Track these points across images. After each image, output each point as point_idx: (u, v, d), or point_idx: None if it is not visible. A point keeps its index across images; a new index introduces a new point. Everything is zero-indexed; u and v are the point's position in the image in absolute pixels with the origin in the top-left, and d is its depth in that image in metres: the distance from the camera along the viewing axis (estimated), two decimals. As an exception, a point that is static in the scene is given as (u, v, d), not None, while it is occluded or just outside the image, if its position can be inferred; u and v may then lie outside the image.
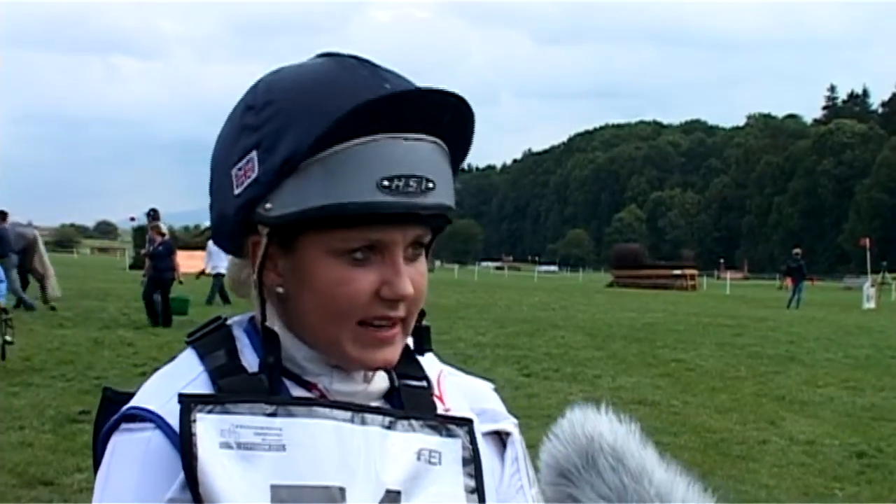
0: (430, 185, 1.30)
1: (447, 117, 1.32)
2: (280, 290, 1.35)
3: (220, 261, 26.84)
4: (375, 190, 1.26)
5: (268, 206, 1.29)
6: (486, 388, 1.58)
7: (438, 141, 1.32)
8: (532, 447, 1.53)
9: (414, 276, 1.34)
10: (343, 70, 1.32)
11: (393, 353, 1.37)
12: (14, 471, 8.78)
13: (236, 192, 1.32)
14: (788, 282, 48.52)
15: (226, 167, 1.34)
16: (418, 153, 1.29)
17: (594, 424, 1.37)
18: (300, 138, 1.26)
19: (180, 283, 23.94)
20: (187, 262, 30.11)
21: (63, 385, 13.41)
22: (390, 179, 1.26)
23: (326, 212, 1.26)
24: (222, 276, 26.62)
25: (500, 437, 1.50)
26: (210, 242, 25.28)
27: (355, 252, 1.30)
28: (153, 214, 25.20)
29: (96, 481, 1.34)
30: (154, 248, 23.40)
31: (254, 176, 1.29)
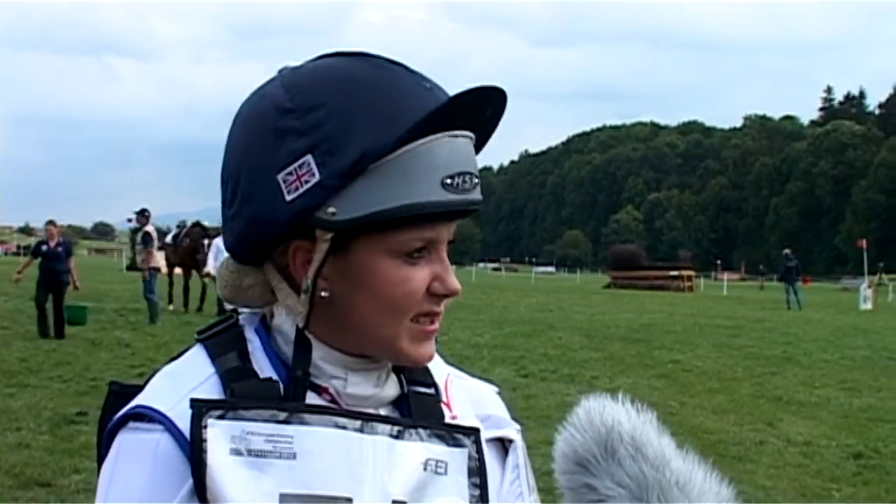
0: (476, 180, 1.32)
1: (489, 111, 1.35)
2: (324, 293, 1.32)
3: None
4: (440, 189, 1.27)
5: (331, 210, 1.26)
6: (490, 392, 1.58)
7: (472, 135, 1.34)
8: (530, 448, 1.53)
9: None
10: (380, 69, 1.31)
11: (434, 348, 1.39)
12: (11, 472, 8.77)
13: (289, 197, 1.27)
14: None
15: (263, 173, 1.29)
16: (466, 150, 1.31)
17: (612, 413, 1.36)
18: (370, 139, 1.25)
19: (76, 288, 21.46)
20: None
21: (60, 386, 13.42)
22: (451, 177, 1.28)
23: (398, 213, 1.26)
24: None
25: (503, 444, 1.50)
26: (217, 240, 24.03)
27: (412, 251, 1.30)
28: (146, 214, 25.00)
29: (100, 478, 1.32)
30: (50, 248, 20.77)
31: (314, 181, 1.26)
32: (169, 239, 29.70)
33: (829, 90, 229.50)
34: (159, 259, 25.18)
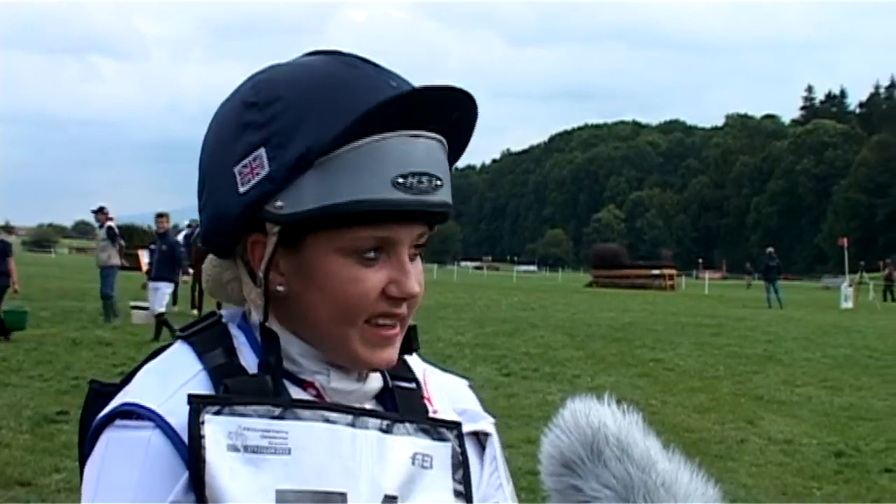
0: (439, 182, 1.30)
1: (456, 114, 1.33)
2: (281, 288, 1.33)
3: None
4: (391, 187, 1.26)
5: (279, 203, 1.27)
6: (462, 386, 1.58)
7: (441, 138, 1.32)
8: (512, 447, 1.54)
9: (416, 275, 1.34)
10: (347, 67, 1.31)
11: (394, 353, 1.37)
12: (-9, 471, 8.74)
13: (242, 189, 1.29)
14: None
15: (225, 166, 1.31)
16: (427, 151, 1.29)
17: (598, 415, 1.36)
18: (317, 134, 1.25)
19: (15, 292, 20.65)
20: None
21: (41, 385, 13.37)
22: (404, 177, 1.26)
23: (342, 209, 1.25)
24: None
25: (479, 437, 1.50)
26: None
27: (365, 251, 1.29)
28: (104, 212, 24.23)
29: (86, 476, 1.30)
30: None
31: (264, 173, 1.27)
32: (181, 238, 29.14)
33: (810, 89, 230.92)
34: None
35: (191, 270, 23.48)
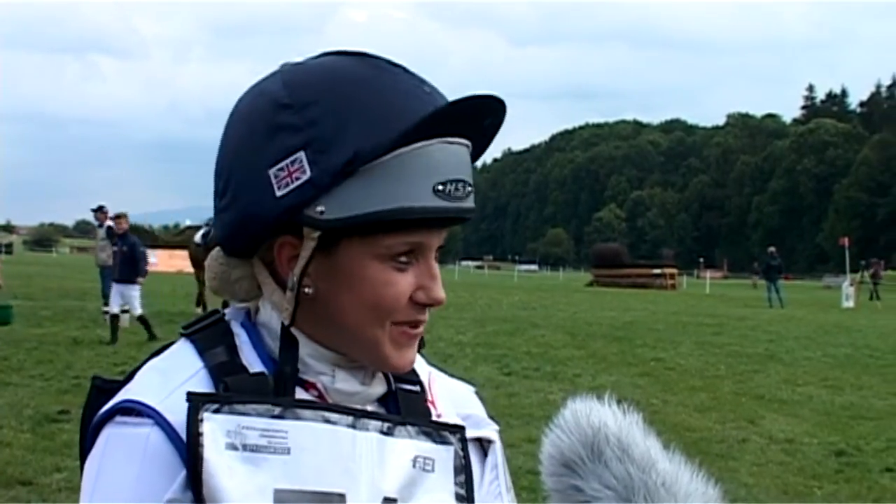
0: (469, 188, 1.32)
1: (488, 121, 1.34)
2: (308, 290, 1.32)
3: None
4: (432, 194, 1.27)
5: (320, 209, 1.26)
6: (468, 391, 1.58)
7: (469, 143, 1.33)
8: (512, 446, 1.54)
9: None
10: (380, 71, 1.31)
11: (415, 354, 1.39)
12: (-8, 471, 8.74)
13: (279, 193, 1.27)
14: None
15: (256, 168, 1.29)
16: (460, 157, 1.31)
17: (598, 415, 1.36)
18: (363, 140, 1.24)
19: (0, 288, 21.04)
20: (168, 261, 29.23)
21: (42, 384, 13.38)
22: (444, 184, 1.28)
23: (386, 216, 1.25)
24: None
25: (482, 444, 1.50)
26: None
27: (399, 256, 1.30)
28: (104, 211, 24.12)
29: (85, 472, 1.30)
30: None
31: (305, 178, 1.26)
32: (198, 238, 28.87)
33: (811, 88, 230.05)
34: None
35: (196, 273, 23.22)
